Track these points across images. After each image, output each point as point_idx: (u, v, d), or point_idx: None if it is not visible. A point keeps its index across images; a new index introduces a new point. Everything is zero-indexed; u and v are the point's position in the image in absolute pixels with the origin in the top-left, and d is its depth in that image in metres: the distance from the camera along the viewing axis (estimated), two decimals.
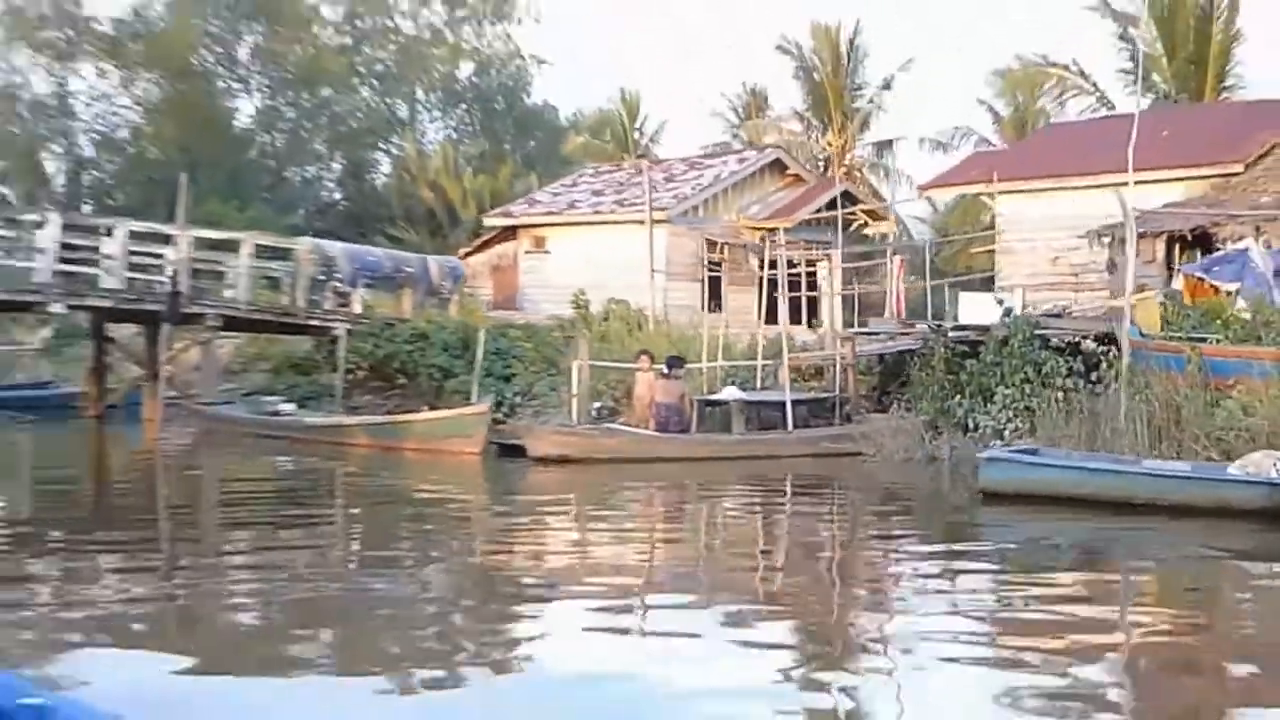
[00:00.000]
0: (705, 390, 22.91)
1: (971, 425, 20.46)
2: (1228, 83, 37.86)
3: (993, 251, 32.33)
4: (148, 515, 16.73)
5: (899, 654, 8.57)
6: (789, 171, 39.62)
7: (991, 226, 34.44)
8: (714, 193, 37.64)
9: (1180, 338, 18.49)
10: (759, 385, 23.32)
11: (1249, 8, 37.51)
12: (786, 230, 36.48)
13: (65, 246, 26.17)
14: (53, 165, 56.38)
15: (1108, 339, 19.81)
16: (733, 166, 39.21)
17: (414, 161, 57.63)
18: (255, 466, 22.34)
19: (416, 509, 17.03)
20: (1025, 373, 20.07)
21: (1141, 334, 19.18)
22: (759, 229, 37.52)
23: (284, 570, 12.06)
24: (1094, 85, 39.82)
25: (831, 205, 38.60)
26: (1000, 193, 31.76)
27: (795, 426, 20.97)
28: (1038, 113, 48.77)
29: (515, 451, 20.18)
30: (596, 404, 22.34)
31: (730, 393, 21.94)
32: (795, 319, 34.54)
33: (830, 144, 45.78)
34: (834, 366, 22.98)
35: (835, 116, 46.34)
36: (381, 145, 64.10)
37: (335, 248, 30.79)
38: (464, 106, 65.82)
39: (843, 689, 7.63)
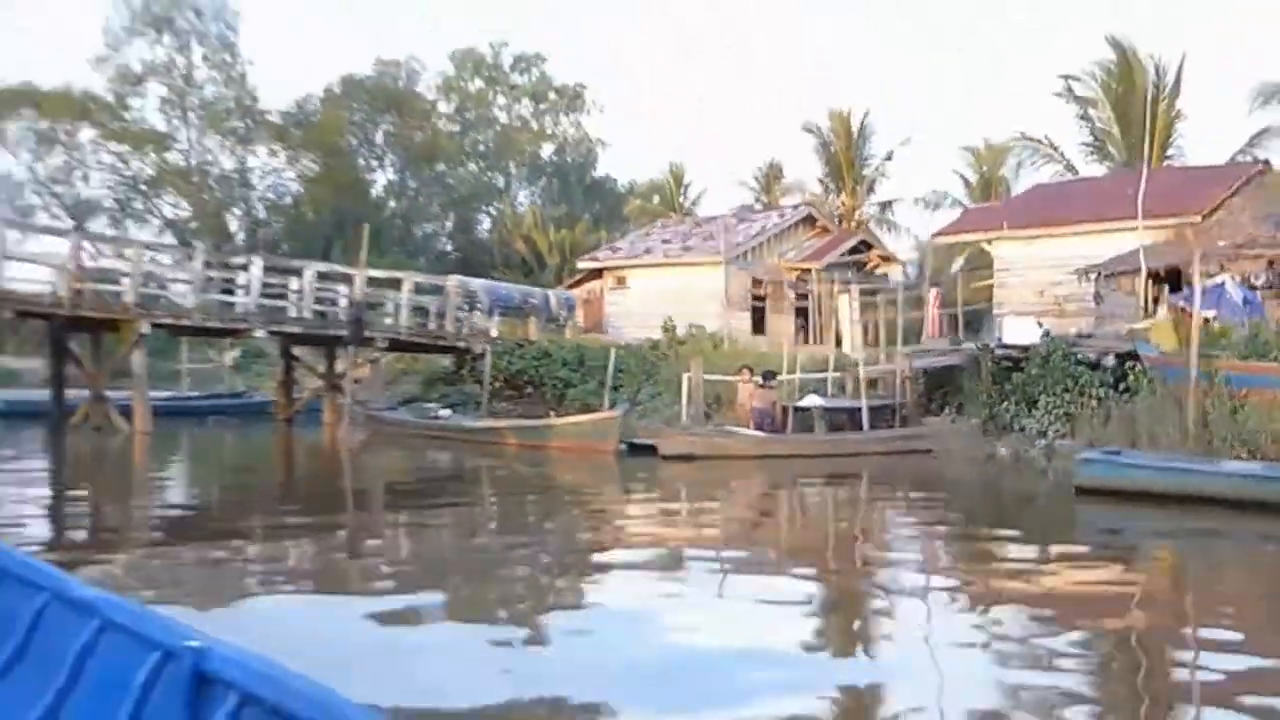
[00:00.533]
0: (782, 398, 21.31)
1: (1017, 428, 18.91)
2: (1170, 153, 36.09)
3: (991, 286, 30.68)
4: (330, 495, 15.80)
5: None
6: (818, 224, 38.50)
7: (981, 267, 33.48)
8: (760, 241, 36.58)
9: (1207, 355, 16.76)
10: (828, 394, 21.61)
11: (1187, 93, 36.06)
12: (816, 270, 35.79)
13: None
14: (234, 224, 55.39)
15: (1130, 355, 18.28)
16: (774, 220, 38.03)
17: (509, 220, 56.92)
18: (419, 460, 20.83)
19: (562, 493, 15.82)
20: (1065, 384, 18.48)
21: (1160, 351, 17.72)
22: (794, 269, 36.56)
23: (431, 537, 11.55)
24: (1061, 154, 37.92)
25: (851, 251, 37.69)
26: (997, 239, 30.45)
27: (869, 429, 19.40)
28: (999, 179, 47.49)
29: (641, 450, 18.59)
30: (622, 408, 20.77)
31: (812, 400, 20.35)
32: (821, 340, 34.00)
33: (844, 203, 44.15)
34: (893, 378, 21.24)
35: (848, 181, 44.78)
36: (483, 208, 62.96)
37: (476, 283, 29.40)
38: (546, 178, 64.53)
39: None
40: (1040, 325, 19.94)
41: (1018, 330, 19.77)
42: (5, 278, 21.33)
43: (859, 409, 19.90)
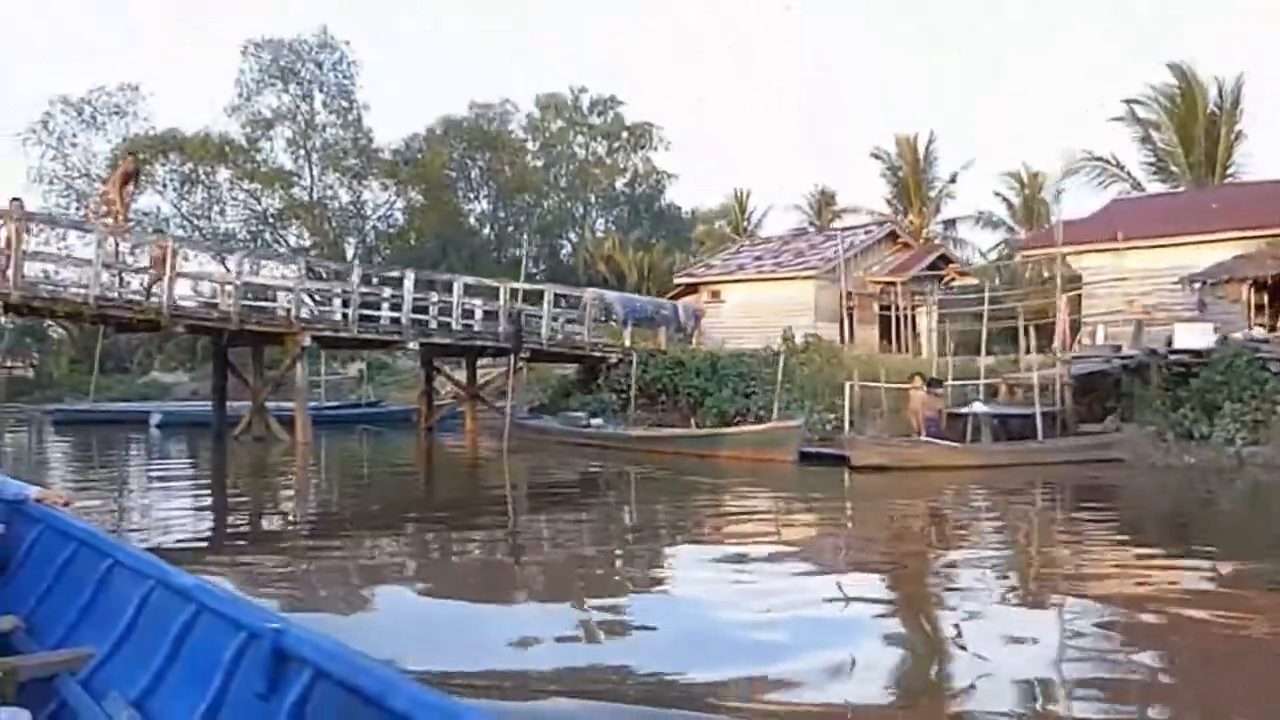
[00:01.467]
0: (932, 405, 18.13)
1: (1198, 435, 15.68)
2: (1230, 173, 32.61)
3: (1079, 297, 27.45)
4: (472, 498, 14.26)
5: None
6: (899, 240, 35.41)
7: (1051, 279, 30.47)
8: (848, 256, 33.33)
9: None
10: (981, 400, 18.44)
11: (1248, 115, 32.56)
12: (899, 283, 32.92)
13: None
14: (350, 251, 52.96)
15: None
16: (860, 236, 34.85)
17: (591, 244, 54.85)
18: (567, 467, 17.92)
19: (741, 508, 12.69)
20: (1252, 390, 15.26)
21: None
22: (879, 282, 33.48)
23: (564, 535, 10.47)
24: (1127, 174, 34.51)
25: (930, 265, 34.67)
26: (1082, 251, 27.31)
27: (1045, 436, 16.21)
28: (1039, 202, 44.16)
29: (815, 459, 15.52)
30: (832, 417, 17.45)
31: (976, 407, 17.17)
32: (903, 349, 31.28)
33: (912, 222, 40.83)
34: (1052, 384, 17.99)
35: (915, 202, 41.53)
36: (565, 234, 60.63)
37: (611, 295, 26.33)
38: (619, 206, 62.06)
39: None
40: (1216, 330, 16.67)
41: (1189, 335, 16.53)
42: (176, 296, 18.61)
43: (1029, 415, 16.72)
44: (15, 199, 17.47)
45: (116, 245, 19.32)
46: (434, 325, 22.43)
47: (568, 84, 60.86)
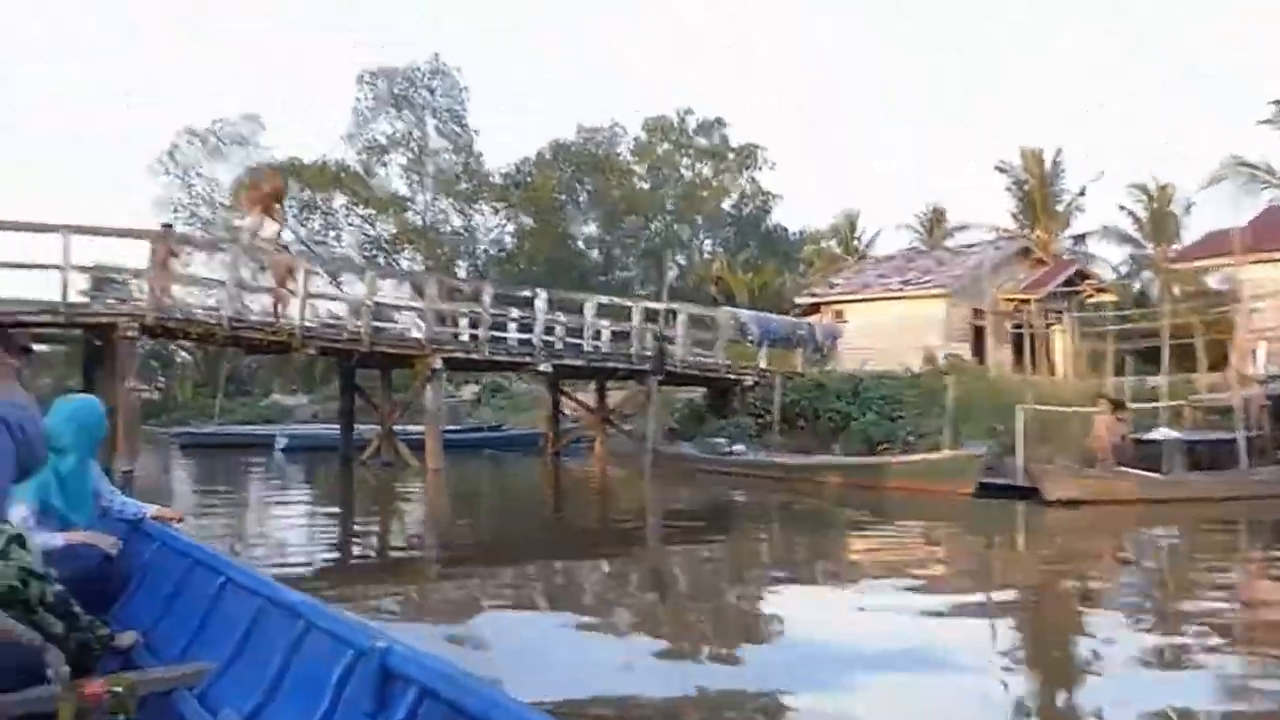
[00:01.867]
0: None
1: None
2: None
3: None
4: (607, 526, 13.47)
5: None
6: (1032, 255, 33.42)
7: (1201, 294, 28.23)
8: (980, 273, 31.55)
9: None
10: (1160, 426, 16.59)
11: None
12: (1034, 301, 30.93)
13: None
14: (461, 274, 52.90)
15: None
16: (992, 253, 32.94)
17: (700, 266, 54.09)
18: (709, 495, 16.69)
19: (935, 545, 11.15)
20: None
21: None
22: (1012, 300, 31.55)
23: (708, 568, 9.58)
24: None
25: (1066, 282, 32.61)
26: (1252, 262, 25.07)
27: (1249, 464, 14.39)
28: (1165, 215, 41.49)
29: (994, 491, 13.97)
30: (983, 446, 15.65)
31: (1164, 433, 15.37)
32: (1036, 369, 29.26)
33: (1040, 237, 38.63)
34: (1247, 407, 16.06)
35: (1042, 217, 39.37)
36: (673, 256, 59.80)
37: (746, 314, 25.07)
38: (726, 227, 60.87)
39: None
40: None
41: None
42: (308, 318, 17.98)
43: (1222, 442, 14.91)
44: (167, 224, 17.19)
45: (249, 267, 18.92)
46: (560, 346, 21.48)
47: (674, 107, 60.11)
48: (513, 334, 21.73)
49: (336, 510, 15.00)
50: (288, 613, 3.15)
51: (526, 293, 21.80)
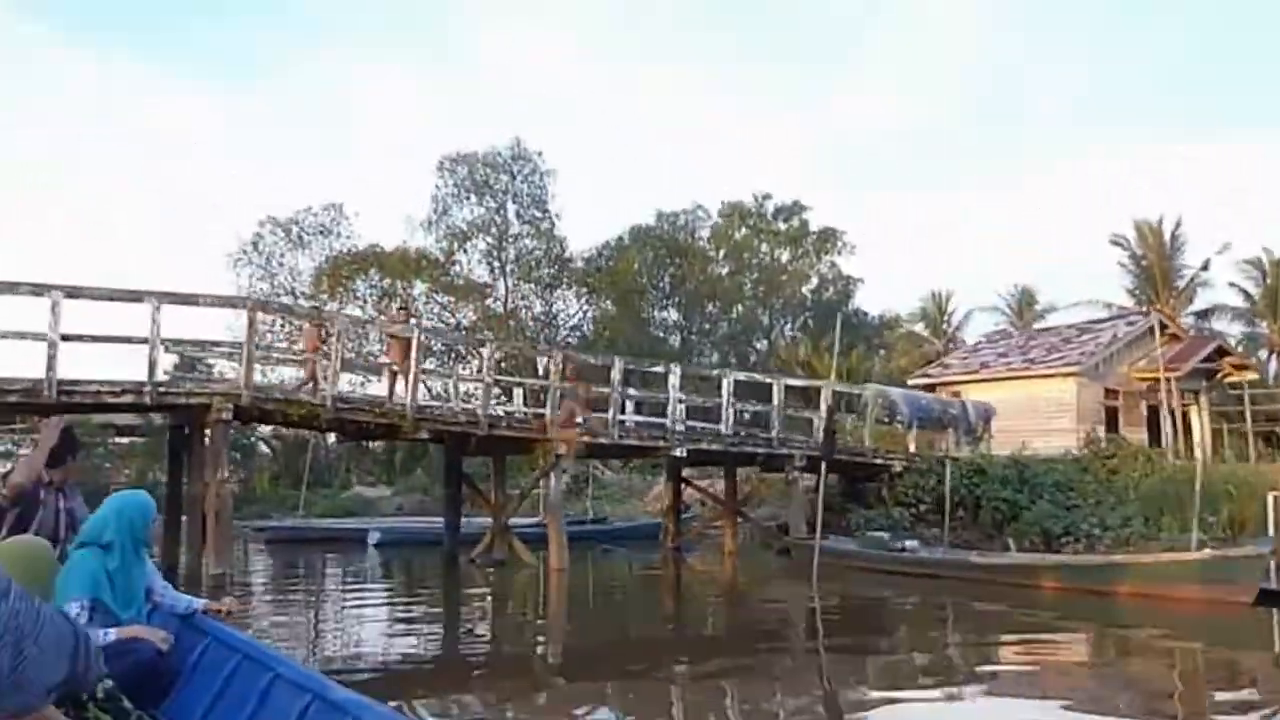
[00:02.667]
0: None
1: None
2: None
3: None
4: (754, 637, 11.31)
5: None
6: (1167, 330, 30.62)
7: None
8: (1112, 350, 28.91)
9: None
10: None
11: None
12: (1171, 379, 28.11)
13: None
14: (541, 361, 51.30)
15: None
16: (1123, 329, 30.26)
17: (783, 350, 52.18)
18: (884, 600, 14.05)
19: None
20: None
21: None
22: (1146, 378, 28.76)
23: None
24: None
25: (1205, 359, 29.79)
26: None
27: None
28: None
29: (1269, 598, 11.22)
30: (1268, 543, 12.87)
31: None
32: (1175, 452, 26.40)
33: (1160, 311, 35.86)
34: None
35: (1162, 292, 36.59)
36: (753, 341, 57.81)
37: (894, 393, 22.64)
38: (807, 312, 58.92)
39: None
40: None
41: None
42: (420, 398, 15.96)
43: None
44: (315, 305, 15.48)
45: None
46: (679, 429, 19.15)
47: (751, 191, 59.38)
48: (629, 416, 19.54)
49: (441, 617, 12.73)
50: (336, 710, 3.10)
51: (658, 368, 19.58)
